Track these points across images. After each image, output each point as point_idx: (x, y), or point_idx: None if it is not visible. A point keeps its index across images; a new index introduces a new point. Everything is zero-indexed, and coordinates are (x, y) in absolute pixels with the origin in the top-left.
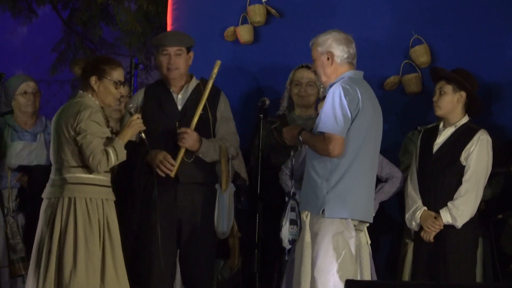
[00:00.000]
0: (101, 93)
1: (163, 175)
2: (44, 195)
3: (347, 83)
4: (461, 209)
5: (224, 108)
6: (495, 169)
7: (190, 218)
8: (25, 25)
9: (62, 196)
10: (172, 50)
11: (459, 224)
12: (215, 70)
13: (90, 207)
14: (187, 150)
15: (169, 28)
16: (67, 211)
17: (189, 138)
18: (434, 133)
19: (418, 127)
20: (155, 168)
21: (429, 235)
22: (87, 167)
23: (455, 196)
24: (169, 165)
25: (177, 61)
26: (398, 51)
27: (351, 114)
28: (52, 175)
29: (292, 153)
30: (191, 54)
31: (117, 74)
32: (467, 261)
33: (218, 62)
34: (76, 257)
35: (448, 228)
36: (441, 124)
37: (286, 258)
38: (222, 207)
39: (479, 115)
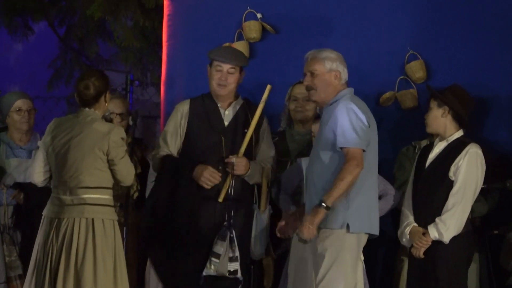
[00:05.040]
0: (107, 104)
1: (209, 187)
2: (53, 214)
3: (354, 100)
4: (448, 223)
5: (267, 131)
6: (490, 185)
7: None
8: (21, 42)
9: (80, 217)
10: (226, 67)
11: (446, 239)
12: (266, 95)
13: (108, 228)
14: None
15: (164, 44)
16: (85, 232)
17: (240, 166)
18: (430, 148)
19: (412, 143)
20: (202, 183)
21: (418, 251)
22: (105, 188)
23: (442, 211)
24: (217, 177)
25: (229, 78)
26: (394, 66)
27: (368, 127)
28: (61, 195)
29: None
30: (243, 73)
31: None
32: (457, 277)
33: (269, 87)
34: (95, 279)
35: (438, 244)
36: (437, 140)
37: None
38: (260, 228)
39: (471, 129)
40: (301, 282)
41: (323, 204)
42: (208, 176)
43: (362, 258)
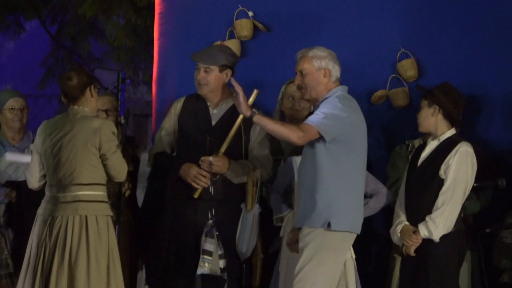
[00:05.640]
0: (94, 100)
1: (198, 186)
2: (47, 212)
3: (344, 98)
4: (437, 222)
5: (259, 130)
6: (483, 183)
7: None
8: (13, 40)
9: (74, 215)
10: (202, 66)
11: (436, 237)
12: (251, 99)
13: (101, 225)
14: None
15: (156, 42)
16: (79, 230)
17: (216, 165)
18: (423, 148)
19: (406, 141)
20: (190, 182)
21: (409, 249)
22: (99, 185)
23: (432, 210)
24: (204, 179)
25: (206, 77)
26: (385, 65)
27: (346, 117)
28: (56, 193)
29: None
30: (228, 71)
31: None
32: (448, 275)
33: (256, 91)
34: (88, 276)
35: (429, 242)
36: (429, 139)
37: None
38: (245, 228)
39: (462, 128)
40: (291, 281)
41: (254, 113)
42: (196, 175)
43: (354, 256)
